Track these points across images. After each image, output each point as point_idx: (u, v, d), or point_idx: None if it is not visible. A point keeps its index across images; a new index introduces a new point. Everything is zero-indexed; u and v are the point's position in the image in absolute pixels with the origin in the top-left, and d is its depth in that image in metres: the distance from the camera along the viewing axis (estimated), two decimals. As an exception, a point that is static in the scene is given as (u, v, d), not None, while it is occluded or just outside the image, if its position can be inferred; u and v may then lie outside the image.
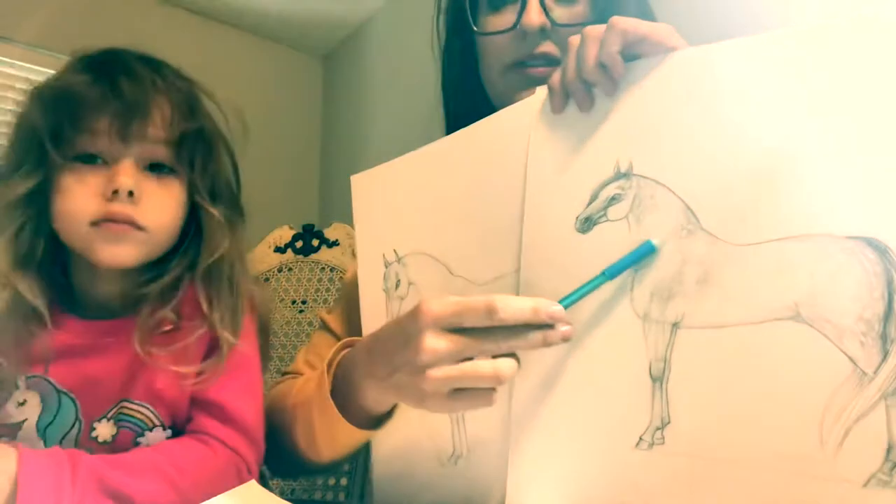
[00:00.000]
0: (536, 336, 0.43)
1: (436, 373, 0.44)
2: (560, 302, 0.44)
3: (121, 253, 0.59)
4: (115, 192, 0.57)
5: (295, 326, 1.30)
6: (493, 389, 0.45)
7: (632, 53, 0.46)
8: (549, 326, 0.43)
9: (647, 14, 0.67)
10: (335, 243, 1.38)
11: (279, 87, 2.62)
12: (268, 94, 2.52)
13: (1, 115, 1.93)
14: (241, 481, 0.59)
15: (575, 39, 0.49)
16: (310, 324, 1.29)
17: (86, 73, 0.60)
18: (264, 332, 0.72)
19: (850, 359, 0.37)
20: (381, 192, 0.64)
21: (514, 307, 0.42)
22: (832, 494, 0.37)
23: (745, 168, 0.41)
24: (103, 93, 0.58)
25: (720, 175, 0.42)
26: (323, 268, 1.35)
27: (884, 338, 0.36)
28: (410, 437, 0.60)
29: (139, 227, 0.59)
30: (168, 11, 2.30)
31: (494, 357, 0.44)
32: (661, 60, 0.46)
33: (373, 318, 0.64)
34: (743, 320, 0.41)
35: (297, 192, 2.60)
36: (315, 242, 1.53)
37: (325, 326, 0.78)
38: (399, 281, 0.61)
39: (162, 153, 0.61)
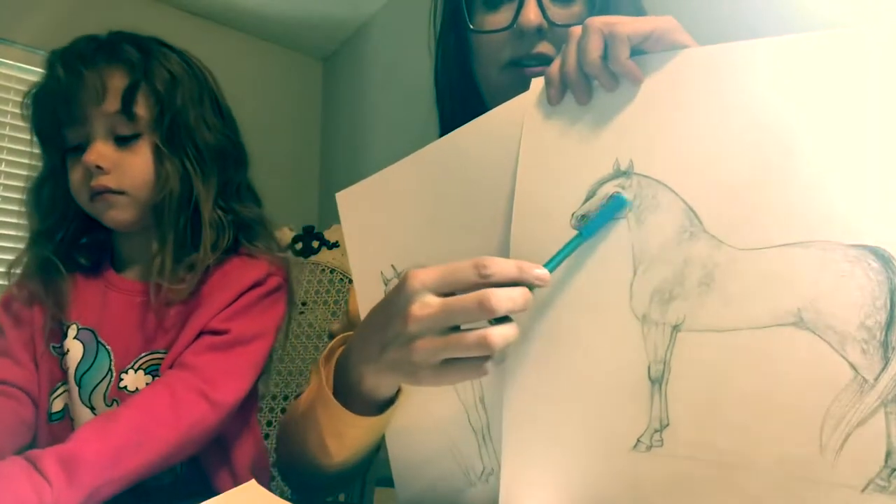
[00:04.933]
0: (521, 290, 0.42)
1: (424, 343, 0.43)
2: (545, 266, 0.44)
3: (116, 216, 0.70)
4: (88, 169, 0.67)
5: (295, 328, 1.30)
6: (486, 358, 0.43)
7: (635, 49, 0.46)
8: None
9: (641, 13, 0.67)
10: (335, 245, 1.37)
11: (279, 89, 2.62)
12: (268, 95, 2.52)
13: (0, 116, 1.93)
14: (204, 409, 0.62)
15: (577, 30, 0.48)
16: (310, 325, 1.28)
17: (47, 74, 0.69)
18: (290, 302, 0.78)
19: (852, 365, 0.37)
20: (371, 206, 0.61)
21: (500, 264, 0.42)
22: (831, 499, 0.37)
23: (750, 171, 0.41)
24: (55, 91, 0.68)
25: (725, 178, 0.42)
26: (323, 269, 1.34)
27: (885, 346, 0.36)
28: (432, 458, 0.57)
29: (118, 192, 0.68)
30: (167, 13, 2.30)
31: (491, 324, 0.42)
32: (667, 58, 0.45)
33: None
34: (745, 324, 0.40)
35: (296, 194, 2.59)
36: (315, 244, 1.52)
37: (333, 340, 0.75)
38: None
39: (119, 124, 0.68)
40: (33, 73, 1.98)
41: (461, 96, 0.72)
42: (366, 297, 0.62)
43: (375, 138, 2.36)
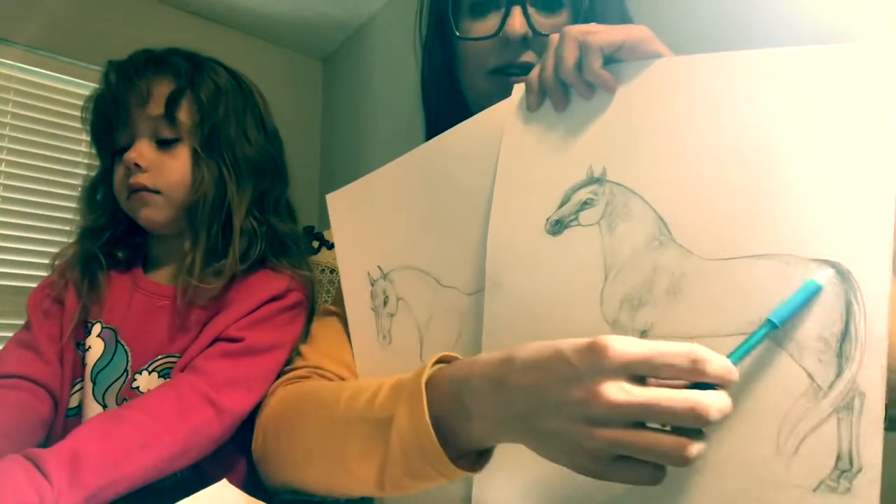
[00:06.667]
0: (728, 400, 0.35)
1: (608, 432, 0.35)
2: (729, 357, 0.37)
3: (150, 214, 0.73)
4: (128, 168, 0.71)
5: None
6: (664, 467, 0.37)
7: (611, 58, 0.47)
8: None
9: (627, 22, 0.67)
10: (335, 245, 1.38)
11: (279, 89, 2.61)
12: (268, 95, 2.52)
13: (0, 116, 1.94)
14: (209, 419, 0.62)
15: (555, 38, 0.49)
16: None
17: (102, 82, 0.75)
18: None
19: (808, 374, 0.38)
20: (359, 208, 0.63)
21: (719, 364, 0.35)
22: (785, 499, 0.38)
23: (719, 183, 0.42)
24: (107, 97, 0.73)
25: (694, 188, 0.43)
26: (323, 269, 1.35)
27: (840, 356, 0.38)
28: None
29: (154, 191, 0.72)
30: (168, 13, 2.30)
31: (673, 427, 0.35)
32: (641, 67, 0.46)
33: (362, 338, 0.63)
34: (710, 332, 0.42)
35: (296, 195, 2.59)
36: (315, 244, 1.53)
37: (327, 312, 0.72)
38: (387, 297, 0.60)
39: (162, 128, 0.73)
40: (33, 73, 1.99)
41: (447, 101, 0.73)
42: (352, 297, 0.64)
43: (375, 138, 2.36)
